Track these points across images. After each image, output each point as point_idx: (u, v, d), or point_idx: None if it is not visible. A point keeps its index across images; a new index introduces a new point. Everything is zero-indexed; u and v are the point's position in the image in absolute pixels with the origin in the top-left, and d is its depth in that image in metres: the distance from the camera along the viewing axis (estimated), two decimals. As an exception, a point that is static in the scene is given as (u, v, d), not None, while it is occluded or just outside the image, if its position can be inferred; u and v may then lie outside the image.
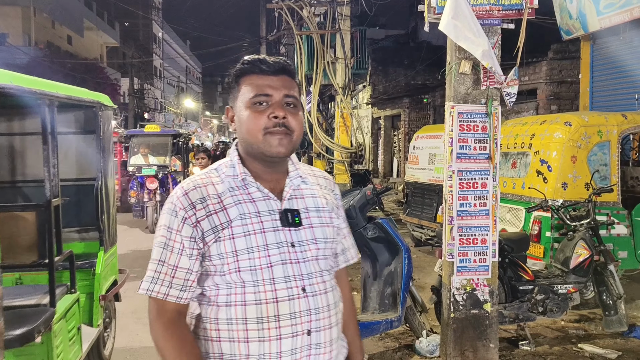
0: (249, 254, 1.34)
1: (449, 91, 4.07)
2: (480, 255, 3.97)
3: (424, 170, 7.95)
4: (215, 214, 1.36)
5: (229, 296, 1.35)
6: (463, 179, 3.97)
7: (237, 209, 1.37)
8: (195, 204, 1.37)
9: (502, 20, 3.95)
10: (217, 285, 1.36)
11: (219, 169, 1.45)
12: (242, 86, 1.42)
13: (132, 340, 4.61)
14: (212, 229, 1.35)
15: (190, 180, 1.43)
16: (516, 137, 5.99)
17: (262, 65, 1.41)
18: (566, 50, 10.40)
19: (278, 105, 1.38)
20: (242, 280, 1.34)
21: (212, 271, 1.36)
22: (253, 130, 1.37)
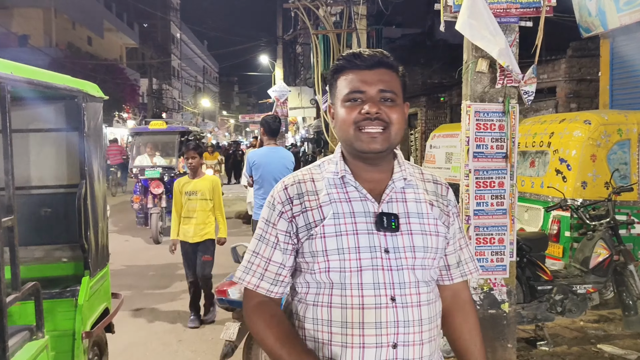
0: (339, 254, 1.29)
1: (466, 90, 4.05)
2: (497, 254, 3.95)
3: (440, 169, 7.93)
4: (310, 211, 1.34)
5: (317, 296, 1.33)
6: (480, 178, 3.96)
7: (332, 207, 1.33)
8: (293, 199, 1.36)
9: (519, 18, 3.92)
10: (307, 283, 1.35)
11: (322, 165, 1.44)
12: (338, 82, 1.39)
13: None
14: (305, 225, 1.33)
15: (292, 175, 1.43)
16: (535, 135, 5.94)
17: (356, 60, 1.36)
18: (585, 47, 10.27)
19: (372, 100, 1.33)
20: (331, 281, 1.31)
21: (304, 268, 1.35)
22: (345, 126, 1.35)
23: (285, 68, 27.90)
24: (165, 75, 42.10)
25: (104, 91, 3.72)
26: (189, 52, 53.27)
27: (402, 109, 1.37)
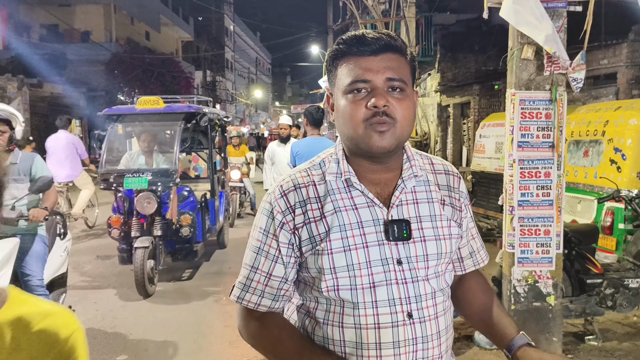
0: (349, 271, 1.16)
1: (511, 78, 3.96)
2: (543, 246, 3.86)
3: (490, 159, 7.76)
4: (314, 222, 1.19)
5: (327, 313, 1.21)
6: (524, 168, 3.87)
7: (337, 218, 1.18)
8: (295, 208, 1.20)
9: (567, 2, 3.78)
10: (315, 297, 1.23)
11: (323, 163, 1.27)
12: (338, 70, 1.21)
13: None
14: (309, 238, 1.19)
15: (289, 178, 1.25)
16: (589, 124, 5.71)
17: (358, 44, 1.17)
18: (650, 30, 9.71)
19: (379, 91, 1.16)
20: (341, 299, 1.18)
21: (309, 283, 1.23)
22: (352, 123, 1.17)
23: (336, 58, 27.95)
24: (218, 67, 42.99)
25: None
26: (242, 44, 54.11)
27: (412, 99, 1.21)
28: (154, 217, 5.59)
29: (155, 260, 5.55)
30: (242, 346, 4.27)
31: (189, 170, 8.76)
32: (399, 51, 1.19)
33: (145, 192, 5.51)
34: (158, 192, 5.59)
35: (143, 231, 5.57)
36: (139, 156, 6.23)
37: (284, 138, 6.83)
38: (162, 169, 5.89)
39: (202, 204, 6.52)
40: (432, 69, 19.28)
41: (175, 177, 5.74)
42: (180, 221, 5.79)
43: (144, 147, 6.22)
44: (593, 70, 10.78)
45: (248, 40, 57.87)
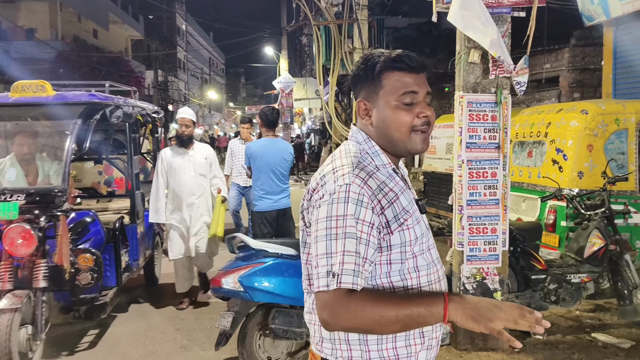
0: (420, 239, 1.40)
1: (459, 80, 4.07)
2: (490, 244, 3.99)
3: (441, 159, 7.94)
4: (394, 203, 1.36)
5: (404, 281, 1.37)
6: (473, 169, 3.99)
7: (404, 198, 1.39)
8: (376, 193, 1.34)
9: (512, 8, 3.92)
10: (389, 272, 1.37)
11: (363, 155, 1.42)
12: (385, 81, 1.39)
13: None
14: (394, 217, 1.35)
15: (356, 168, 1.36)
16: (532, 125, 5.94)
17: (409, 62, 1.39)
18: (589, 36, 10.20)
19: (424, 103, 1.40)
20: (417, 265, 1.39)
21: (384, 260, 1.36)
22: (401, 128, 1.39)
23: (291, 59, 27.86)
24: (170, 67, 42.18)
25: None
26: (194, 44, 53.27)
27: None
28: (35, 260, 3.77)
29: (35, 325, 3.69)
30: (195, 349, 4.21)
31: (99, 185, 6.32)
32: (427, 72, 1.44)
33: (17, 224, 3.69)
34: (39, 223, 3.76)
35: (18, 282, 3.73)
36: (10, 168, 4.26)
37: (182, 140, 5.10)
38: (42, 189, 4.00)
39: (116, 233, 4.67)
40: (385, 71, 19.58)
41: (64, 199, 3.86)
42: (76, 264, 4.00)
43: (21, 154, 4.28)
44: (537, 74, 11.21)
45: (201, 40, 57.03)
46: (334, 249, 1.29)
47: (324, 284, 1.28)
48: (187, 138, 5.13)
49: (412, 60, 1.39)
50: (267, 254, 3.53)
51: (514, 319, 1.25)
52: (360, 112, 1.46)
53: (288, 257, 3.55)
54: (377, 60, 1.41)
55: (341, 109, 10.66)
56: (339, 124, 9.32)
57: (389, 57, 1.40)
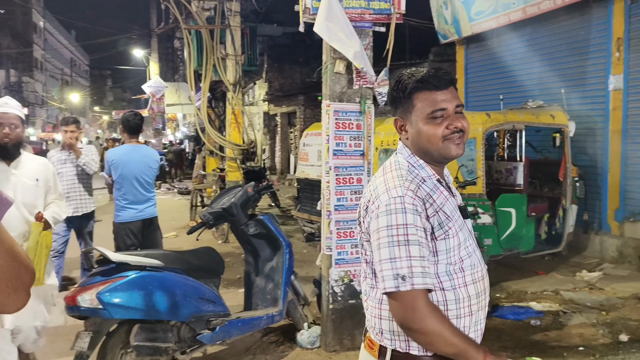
0: (464, 243, 1.57)
1: (325, 90, 4.20)
2: (357, 247, 4.15)
3: (313, 166, 8.12)
4: (439, 212, 1.53)
5: (451, 281, 1.54)
6: (340, 175, 4.13)
7: (447, 206, 1.56)
8: (425, 202, 1.52)
9: (373, 23, 4.14)
10: (438, 273, 1.53)
11: (410, 169, 1.59)
12: (416, 102, 1.58)
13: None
14: (439, 224, 1.52)
15: (406, 181, 1.54)
16: (396, 134, 6.30)
17: (435, 82, 1.57)
18: (445, 53, 11.12)
19: (454, 115, 1.57)
20: (463, 268, 1.55)
21: (432, 262, 1.52)
22: (432, 139, 1.56)
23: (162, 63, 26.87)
24: (25, 66, 38.43)
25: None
26: (54, 43, 49.13)
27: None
28: None
29: None
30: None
31: None
32: (455, 84, 1.62)
33: None
34: None
35: None
36: None
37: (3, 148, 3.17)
38: None
39: None
40: (259, 79, 19.65)
41: None
42: None
43: None
44: (401, 86, 11.97)
45: (62, 38, 52.75)
46: (397, 254, 1.46)
47: (392, 285, 1.46)
48: (13, 145, 3.18)
49: (438, 79, 1.57)
50: (130, 267, 3.34)
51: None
52: (397, 128, 1.66)
53: (153, 270, 3.38)
54: (407, 82, 1.60)
55: (214, 116, 10.49)
56: (213, 131, 9.15)
57: (417, 78, 1.58)
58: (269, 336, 4.38)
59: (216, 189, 9.00)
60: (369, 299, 1.65)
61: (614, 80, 6.87)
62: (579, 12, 7.29)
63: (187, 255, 3.67)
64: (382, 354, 1.58)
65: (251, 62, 9.71)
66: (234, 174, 8.85)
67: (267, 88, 19.44)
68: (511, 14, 7.98)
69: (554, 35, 7.75)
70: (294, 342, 4.19)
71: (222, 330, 3.57)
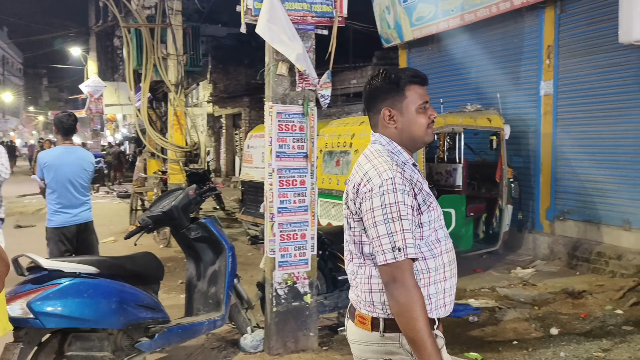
0: (439, 216, 1.80)
1: (268, 92, 4.18)
2: (300, 249, 4.15)
3: (257, 168, 8.08)
4: (422, 190, 1.75)
5: (431, 250, 1.76)
6: (283, 177, 4.12)
7: (425, 185, 1.79)
8: (411, 182, 1.73)
9: (315, 26, 4.16)
10: (419, 245, 1.74)
11: (390, 155, 1.78)
12: (407, 93, 1.80)
13: None
14: (423, 200, 1.74)
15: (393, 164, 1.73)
16: (339, 136, 6.38)
17: (423, 77, 1.84)
18: (388, 56, 11.33)
19: (431, 108, 1.84)
20: (438, 238, 1.78)
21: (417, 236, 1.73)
22: (422, 127, 1.81)
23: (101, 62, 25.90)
24: (-49, 63, 36.10)
25: None
26: (-17, 38, 46.44)
27: None
28: None
29: None
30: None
31: None
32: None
33: None
34: None
35: None
36: None
37: None
38: None
39: None
40: (203, 79, 19.33)
41: None
42: None
43: None
44: (345, 88, 12.11)
45: (-9, 34, 49.92)
46: (393, 229, 1.65)
47: (392, 257, 1.64)
48: None
49: (423, 77, 1.85)
50: (63, 274, 3.19)
51: None
52: (385, 118, 1.83)
53: (87, 277, 3.25)
54: (399, 76, 1.82)
55: (156, 117, 10.21)
56: (154, 133, 8.91)
57: (410, 73, 1.83)
58: (211, 342, 4.31)
59: (157, 192, 8.77)
60: (358, 277, 1.84)
61: (545, 85, 7.22)
62: (512, 20, 7.62)
63: (124, 261, 3.55)
64: (374, 325, 1.76)
65: (194, 62, 9.53)
66: (177, 177, 8.65)
67: (211, 89, 19.16)
68: (450, 20, 8.24)
69: (491, 42, 8.06)
70: (237, 347, 4.14)
71: (162, 338, 3.48)
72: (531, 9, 7.29)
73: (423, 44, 9.33)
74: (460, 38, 8.47)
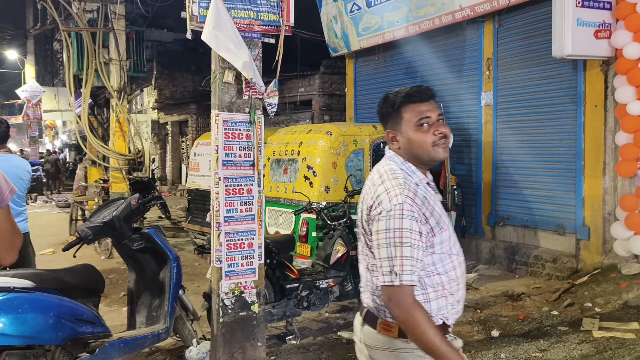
0: (451, 237, 1.86)
1: (214, 99, 4.14)
2: (247, 258, 4.11)
3: (204, 177, 7.96)
4: (434, 212, 1.80)
5: (444, 266, 1.83)
6: (229, 186, 4.08)
7: (437, 205, 1.84)
8: (421, 207, 1.76)
9: (262, 34, 4.16)
10: (434, 262, 1.82)
11: (405, 176, 1.83)
12: (404, 114, 1.84)
13: None
14: (436, 223, 1.79)
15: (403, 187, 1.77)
16: (287, 144, 6.39)
17: (419, 95, 1.85)
18: (335, 65, 11.47)
19: (437, 123, 1.83)
20: (451, 254, 1.86)
21: (429, 253, 1.79)
22: (424, 145, 1.82)
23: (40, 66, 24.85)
24: None
25: None
26: None
27: None
28: None
29: None
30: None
31: None
32: (436, 97, 1.90)
33: None
34: None
35: None
36: None
37: None
38: None
39: None
40: (147, 85, 18.90)
41: None
42: None
43: None
44: (293, 97, 12.15)
45: None
46: (393, 253, 1.72)
47: (389, 280, 1.72)
48: None
49: (421, 93, 1.85)
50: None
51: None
52: (389, 139, 1.91)
53: (22, 291, 3.10)
54: (395, 98, 1.87)
55: (97, 123, 9.89)
56: (95, 140, 8.62)
57: (404, 94, 1.85)
58: (154, 355, 4.20)
59: (98, 201, 8.48)
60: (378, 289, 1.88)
61: (485, 96, 7.51)
62: (454, 33, 7.89)
63: (62, 274, 3.40)
64: (402, 333, 1.80)
65: (138, 67, 9.32)
66: (119, 185, 8.41)
67: (156, 95, 18.74)
68: (395, 31, 8.43)
69: (435, 53, 8.30)
70: (181, 358, 4.05)
71: (102, 353, 3.36)
72: (472, 23, 7.57)
73: (370, 54, 9.49)
74: (405, 49, 8.69)
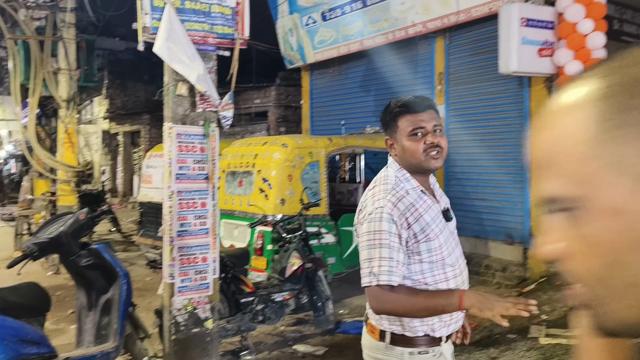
0: (443, 247, 1.86)
1: (167, 112, 4.08)
2: (201, 273, 4.05)
3: (157, 189, 7.79)
4: (420, 219, 1.83)
5: (434, 277, 1.85)
6: (183, 199, 4.01)
7: (429, 213, 1.86)
8: (405, 212, 1.81)
9: (217, 47, 4.14)
10: (422, 271, 1.85)
11: (396, 183, 1.88)
12: (400, 123, 1.89)
13: None
14: (421, 229, 1.82)
15: (389, 194, 1.83)
16: (242, 157, 6.35)
17: (414, 106, 1.89)
18: (291, 77, 11.50)
19: (432, 133, 1.86)
20: (444, 264, 1.87)
21: (416, 261, 1.84)
22: (415, 154, 1.87)
23: (-18, 73, 23.83)
24: None
25: None
26: None
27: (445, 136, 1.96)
28: None
29: None
30: None
31: None
32: (435, 108, 1.95)
33: None
34: None
35: None
36: None
37: None
38: None
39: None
40: (98, 95, 18.41)
41: None
42: None
43: None
44: (249, 108, 12.10)
45: None
46: (372, 255, 1.78)
47: (367, 281, 1.79)
48: None
49: (417, 104, 1.90)
50: None
51: (507, 307, 1.68)
52: (388, 146, 1.97)
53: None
54: (392, 108, 1.93)
55: (45, 134, 9.55)
56: (42, 151, 8.31)
57: (401, 104, 1.91)
58: (104, 375, 4.04)
59: (46, 214, 8.16)
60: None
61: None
62: (407, 47, 8.08)
63: (4, 293, 3.26)
64: (382, 337, 1.89)
65: (88, 77, 9.07)
66: (67, 198, 8.12)
67: (107, 105, 18.26)
68: (350, 44, 8.56)
69: (389, 67, 8.47)
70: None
71: (48, 374, 3.22)
72: (424, 38, 7.78)
73: (325, 67, 9.58)
74: (360, 62, 8.83)
